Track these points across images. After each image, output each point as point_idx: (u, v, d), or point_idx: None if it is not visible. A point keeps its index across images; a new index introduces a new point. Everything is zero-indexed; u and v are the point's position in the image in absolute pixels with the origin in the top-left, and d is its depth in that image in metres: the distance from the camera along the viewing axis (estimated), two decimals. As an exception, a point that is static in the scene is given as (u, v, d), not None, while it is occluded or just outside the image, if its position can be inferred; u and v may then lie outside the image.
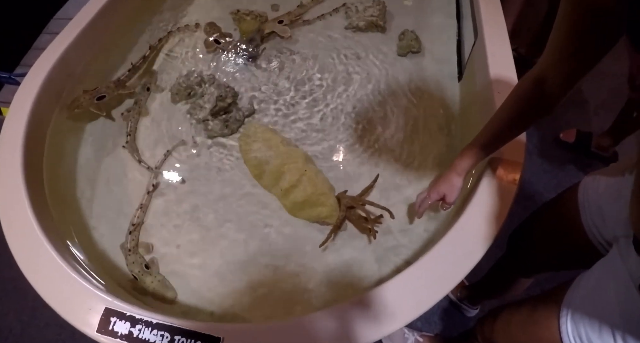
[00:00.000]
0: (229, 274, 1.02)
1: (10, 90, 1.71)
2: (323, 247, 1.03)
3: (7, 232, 0.90)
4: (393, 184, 1.16)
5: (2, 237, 0.89)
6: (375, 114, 1.31)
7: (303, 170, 1.08)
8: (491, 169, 0.94)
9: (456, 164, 0.89)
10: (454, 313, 1.46)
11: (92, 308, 0.78)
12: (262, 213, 1.12)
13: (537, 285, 1.45)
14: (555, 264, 0.95)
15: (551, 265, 0.97)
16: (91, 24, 1.30)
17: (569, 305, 0.65)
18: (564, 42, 0.61)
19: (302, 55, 1.46)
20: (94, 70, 1.34)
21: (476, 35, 1.29)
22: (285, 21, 1.50)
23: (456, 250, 0.84)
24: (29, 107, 1.08)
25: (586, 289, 0.65)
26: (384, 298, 0.79)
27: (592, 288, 0.64)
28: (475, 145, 0.85)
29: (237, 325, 0.78)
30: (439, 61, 1.44)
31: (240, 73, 1.42)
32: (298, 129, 1.28)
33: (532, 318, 0.74)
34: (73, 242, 1.03)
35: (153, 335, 0.75)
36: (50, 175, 1.09)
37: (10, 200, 0.94)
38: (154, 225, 1.10)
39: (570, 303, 0.65)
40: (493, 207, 0.89)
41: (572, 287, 0.67)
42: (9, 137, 1.04)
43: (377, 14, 1.49)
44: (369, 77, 1.41)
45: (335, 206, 1.06)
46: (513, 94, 0.77)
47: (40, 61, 1.19)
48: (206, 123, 1.25)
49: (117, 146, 1.25)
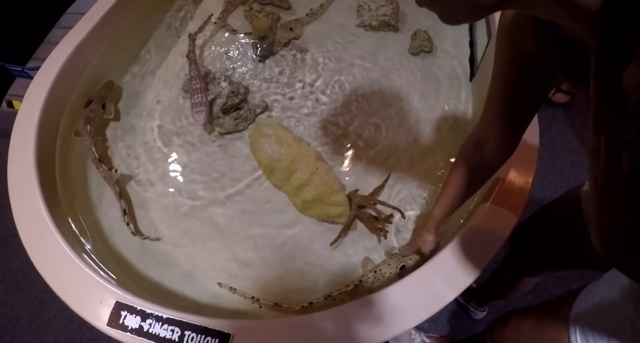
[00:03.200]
0: (237, 271, 1.03)
1: (23, 83, 1.73)
2: (333, 245, 1.03)
3: (19, 224, 0.91)
4: (404, 184, 1.15)
5: (13, 228, 0.89)
6: (386, 114, 1.31)
7: (314, 168, 1.08)
8: (504, 171, 0.93)
9: (426, 223, 0.88)
10: (461, 315, 1.46)
11: (103, 302, 0.79)
12: (272, 211, 1.12)
13: (543, 289, 1.45)
14: (559, 264, 0.95)
15: (555, 265, 0.97)
16: (104, 19, 1.30)
17: (577, 321, 0.64)
18: (499, 95, 0.62)
19: (314, 53, 1.46)
20: (106, 64, 1.34)
21: (489, 36, 1.28)
22: (293, 28, 1.50)
23: (467, 252, 0.84)
24: (41, 101, 1.09)
25: (594, 302, 0.64)
26: (393, 298, 0.79)
27: (600, 302, 0.63)
28: (438, 208, 0.85)
29: (247, 321, 0.78)
30: (451, 61, 1.43)
31: (252, 70, 1.42)
32: (309, 126, 1.28)
33: (540, 329, 0.73)
34: (84, 235, 1.03)
35: (163, 329, 0.75)
36: (62, 168, 1.10)
37: (23, 193, 0.95)
38: (163, 219, 1.11)
39: (578, 319, 0.64)
40: (504, 210, 0.88)
41: (580, 299, 0.66)
42: (22, 130, 1.05)
43: (389, 13, 1.49)
44: (381, 76, 1.40)
45: (346, 205, 1.06)
46: (458, 159, 0.79)
47: (54, 55, 1.19)
48: (217, 120, 1.25)
49: (129, 137, 1.26)
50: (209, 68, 1.38)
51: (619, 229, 0.36)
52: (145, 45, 1.46)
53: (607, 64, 0.32)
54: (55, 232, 0.88)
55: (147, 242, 1.06)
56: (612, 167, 0.34)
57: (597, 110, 0.35)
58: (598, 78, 0.34)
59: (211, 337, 0.74)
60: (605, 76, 0.33)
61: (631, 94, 0.29)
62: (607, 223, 0.37)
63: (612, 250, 0.39)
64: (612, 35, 0.31)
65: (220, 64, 1.44)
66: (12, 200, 0.94)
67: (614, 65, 0.31)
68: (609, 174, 0.35)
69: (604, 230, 0.38)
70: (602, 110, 0.34)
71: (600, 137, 0.35)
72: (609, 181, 0.35)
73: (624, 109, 0.30)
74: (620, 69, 0.30)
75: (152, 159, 1.21)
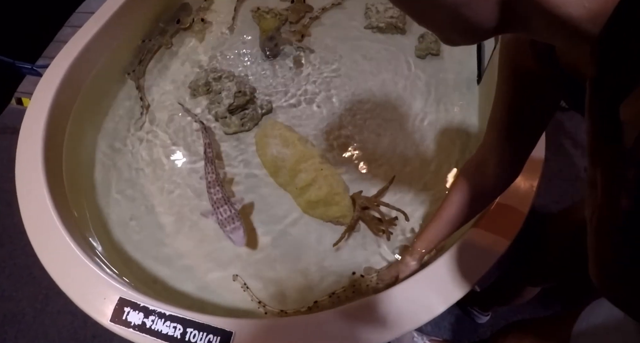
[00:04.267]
0: (241, 270, 1.03)
1: (32, 81, 1.75)
2: (336, 246, 1.03)
3: (26, 220, 0.92)
4: (409, 186, 1.15)
5: (20, 225, 0.90)
6: (392, 116, 1.30)
7: (319, 169, 1.08)
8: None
9: (412, 248, 0.87)
10: (464, 319, 1.45)
11: (106, 298, 0.79)
12: (276, 211, 1.12)
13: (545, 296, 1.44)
14: (562, 276, 0.94)
15: (558, 276, 0.96)
16: (113, 18, 1.31)
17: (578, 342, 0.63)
18: (500, 116, 0.61)
19: (321, 54, 1.46)
20: (115, 63, 1.35)
21: (497, 39, 1.27)
22: (297, 30, 1.51)
23: (469, 256, 0.83)
24: (50, 98, 1.10)
25: (596, 323, 0.62)
26: (395, 300, 0.79)
27: (602, 323, 0.61)
28: (428, 231, 0.84)
29: (249, 320, 0.79)
30: (458, 64, 1.43)
31: (259, 70, 1.43)
32: (314, 127, 1.28)
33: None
34: (89, 232, 1.04)
35: (166, 326, 0.75)
36: (69, 164, 1.11)
37: (30, 189, 0.96)
38: (165, 220, 1.11)
39: (579, 340, 0.63)
40: (508, 216, 0.88)
41: (582, 318, 0.65)
42: (31, 126, 1.06)
43: (397, 16, 1.49)
44: (387, 78, 1.40)
45: (349, 206, 1.06)
46: (457, 181, 0.77)
47: (63, 53, 1.20)
48: (223, 119, 1.25)
49: (135, 135, 1.27)
50: (216, 67, 1.39)
51: (614, 265, 0.34)
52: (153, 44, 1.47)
53: (604, 95, 0.30)
54: (61, 229, 0.89)
55: (151, 242, 1.07)
56: (610, 202, 0.32)
57: (593, 142, 0.33)
58: (593, 108, 0.32)
59: (213, 335, 0.74)
60: (601, 107, 0.31)
61: (629, 129, 0.27)
62: (601, 255, 0.36)
63: (604, 281, 0.37)
64: (611, 64, 0.29)
65: (227, 63, 1.45)
66: (20, 196, 0.95)
67: (611, 96, 0.29)
68: (606, 209, 0.33)
69: (599, 261, 0.36)
70: (597, 142, 0.33)
71: (597, 168, 0.33)
72: (606, 216, 0.33)
73: (621, 144, 0.28)
74: (617, 100, 0.28)
75: (155, 157, 1.23)
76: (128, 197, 1.15)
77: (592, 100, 0.31)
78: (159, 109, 1.33)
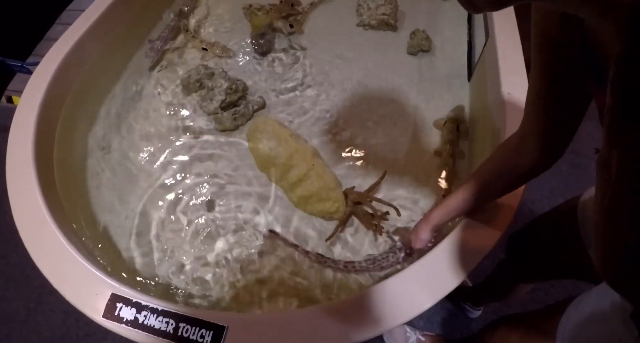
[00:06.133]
0: (233, 265, 1.03)
1: (22, 79, 1.73)
2: (329, 241, 1.04)
3: (17, 218, 0.91)
4: (400, 181, 1.16)
5: (12, 223, 0.90)
6: (384, 112, 1.31)
7: (311, 165, 1.09)
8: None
9: (427, 215, 0.86)
10: (457, 314, 1.46)
11: (98, 294, 0.79)
12: (269, 207, 1.12)
13: (540, 290, 1.46)
14: (552, 274, 0.95)
15: (548, 275, 0.97)
16: (104, 16, 1.31)
17: (564, 335, 0.63)
18: (535, 84, 0.60)
19: (313, 51, 1.47)
20: (106, 61, 1.35)
21: (487, 36, 1.28)
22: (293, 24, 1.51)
23: (459, 249, 0.84)
24: (41, 96, 1.10)
25: (583, 316, 0.62)
26: (386, 294, 0.79)
27: (588, 316, 0.61)
28: (450, 200, 0.83)
29: (242, 314, 0.79)
30: (449, 61, 1.44)
31: (251, 67, 1.43)
32: (307, 123, 1.29)
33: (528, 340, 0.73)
34: (81, 228, 1.04)
35: (158, 321, 0.75)
36: (60, 162, 1.11)
37: (21, 187, 0.95)
38: (156, 217, 1.11)
39: (565, 333, 0.63)
40: (498, 209, 0.89)
41: (568, 311, 0.65)
42: (21, 125, 1.05)
43: (388, 13, 1.49)
44: (379, 74, 1.41)
45: (342, 201, 1.07)
46: (492, 157, 0.76)
47: (53, 51, 1.20)
48: (216, 116, 1.25)
49: (126, 133, 1.27)
50: (207, 64, 1.39)
51: (625, 250, 0.33)
52: (143, 42, 1.47)
53: (629, 71, 0.29)
54: (53, 226, 0.89)
55: (144, 238, 1.07)
56: (626, 183, 0.31)
57: (614, 121, 0.32)
58: (617, 86, 0.31)
59: (205, 329, 0.74)
60: (625, 84, 0.30)
61: None
62: (611, 241, 0.34)
63: (613, 270, 0.36)
64: (638, 41, 0.27)
65: (219, 60, 1.45)
66: (11, 194, 0.94)
67: (637, 73, 0.28)
68: (621, 189, 0.32)
69: (607, 248, 0.35)
70: (619, 121, 0.31)
71: (614, 149, 0.32)
72: (620, 197, 0.32)
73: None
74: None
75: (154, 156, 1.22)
76: (120, 194, 1.15)
77: (616, 77, 0.30)
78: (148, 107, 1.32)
